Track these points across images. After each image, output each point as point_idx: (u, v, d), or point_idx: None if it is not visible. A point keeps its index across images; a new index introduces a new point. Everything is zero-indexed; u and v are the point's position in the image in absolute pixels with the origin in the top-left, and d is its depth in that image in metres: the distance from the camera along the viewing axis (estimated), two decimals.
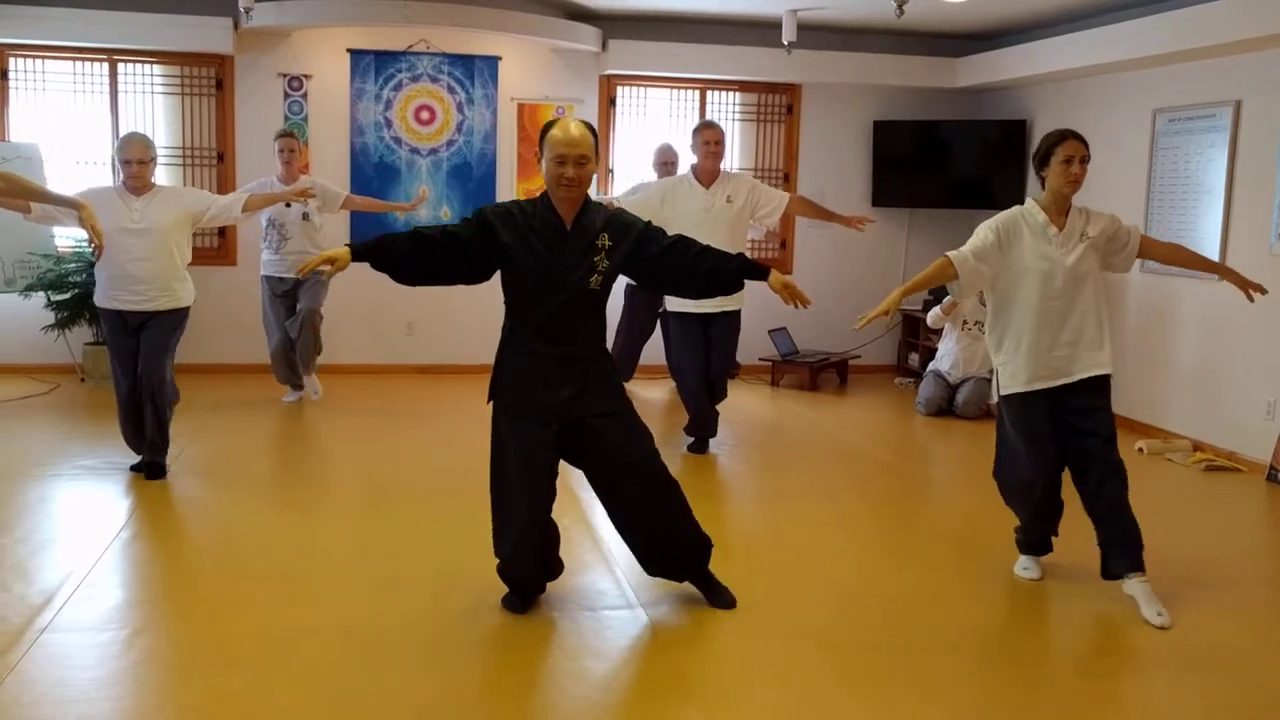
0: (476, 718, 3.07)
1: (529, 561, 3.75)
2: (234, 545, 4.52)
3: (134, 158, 5.15)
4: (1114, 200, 7.41)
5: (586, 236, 3.58)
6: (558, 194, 3.56)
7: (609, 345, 3.93)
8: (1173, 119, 6.89)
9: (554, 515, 3.76)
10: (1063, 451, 4.10)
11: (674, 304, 5.99)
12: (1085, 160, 4.04)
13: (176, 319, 5.28)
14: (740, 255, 3.92)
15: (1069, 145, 4.04)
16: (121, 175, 5.26)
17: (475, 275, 3.65)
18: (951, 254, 4.11)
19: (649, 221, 3.76)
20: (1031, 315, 4.03)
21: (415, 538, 4.62)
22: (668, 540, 3.83)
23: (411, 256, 3.57)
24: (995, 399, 4.27)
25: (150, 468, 5.30)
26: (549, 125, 3.57)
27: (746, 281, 3.87)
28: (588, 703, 3.17)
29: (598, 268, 3.58)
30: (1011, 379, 4.11)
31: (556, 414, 3.59)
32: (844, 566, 4.50)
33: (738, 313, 6.00)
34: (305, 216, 6.91)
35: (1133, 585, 3.96)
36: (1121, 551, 3.98)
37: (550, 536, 3.82)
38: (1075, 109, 7.86)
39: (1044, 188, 4.13)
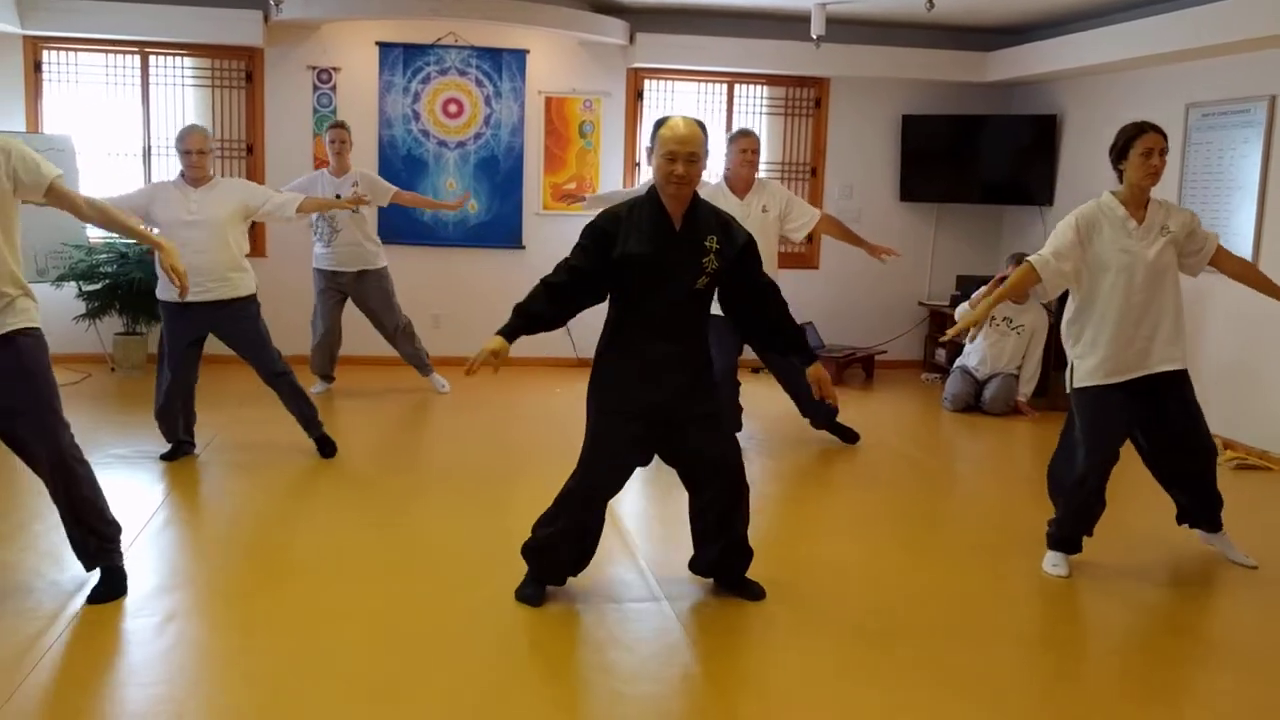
0: (501, 707, 3.09)
1: (571, 549, 3.78)
2: (265, 532, 4.56)
3: (193, 148, 5.26)
4: None
5: (695, 236, 3.56)
6: (667, 191, 3.54)
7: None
8: (1206, 114, 6.82)
9: None
10: (1141, 447, 4.28)
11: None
12: (1164, 152, 4.06)
13: (245, 310, 5.40)
14: (802, 330, 3.90)
15: (1149, 138, 4.04)
16: (181, 166, 5.35)
17: (606, 291, 3.65)
18: (1033, 258, 4.14)
19: (751, 236, 3.73)
20: (1112, 309, 4.06)
21: (444, 526, 4.65)
22: (729, 546, 3.85)
23: (551, 310, 3.59)
24: (1069, 389, 4.27)
25: (320, 438, 5.64)
26: (660, 122, 3.57)
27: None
28: (613, 694, 3.18)
29: (705, 269, 3.56)
30: (1089, 373, 4.12)
31: (657, 412, 3.61)
32: (870, 560, 4.49)
33: None
34: (354, 210, 6.97)
35: (1217, 539, 4.36)
36: (1210, 516, 4.35)
37: (596, 538, 3.85)
38: (1107, 103, 7.80)
39: (1121, 181, 4.13)
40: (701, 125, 3.58)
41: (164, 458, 5.44)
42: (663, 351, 3.59)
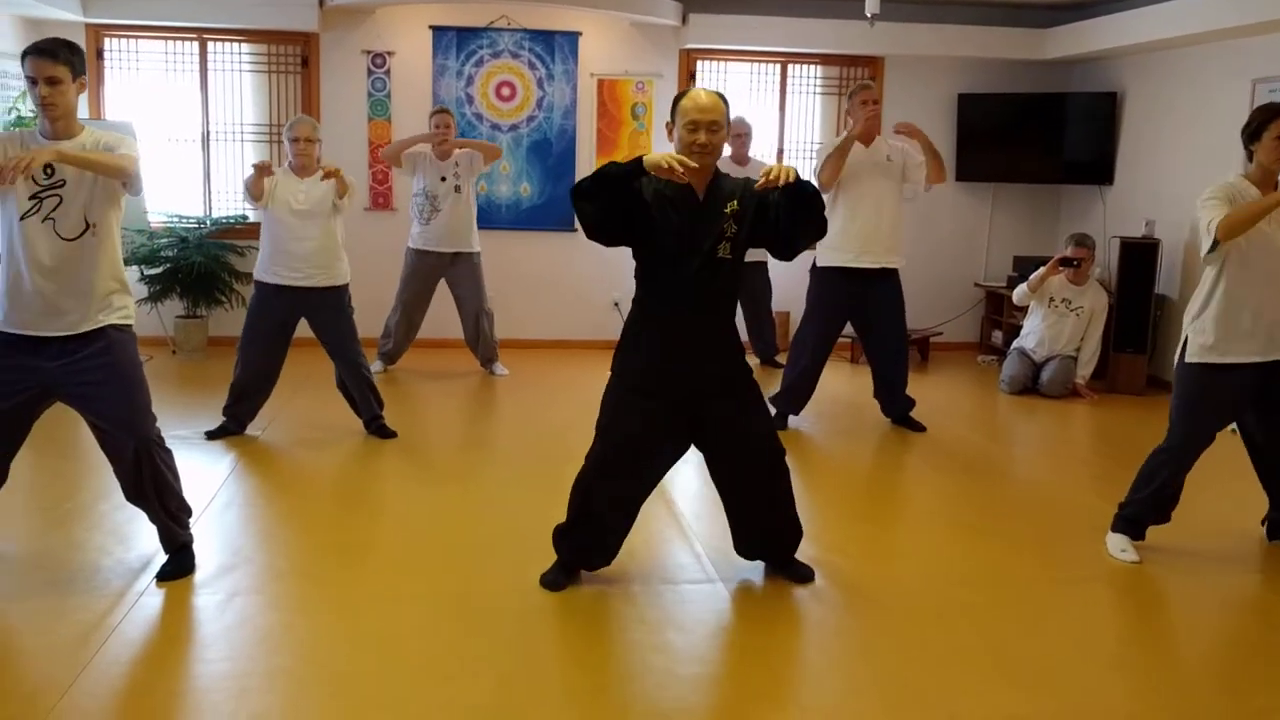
0: (557, 687, 3.11)
1: (590, 533, 3.75)
2: (325, 511, 4.63)
3: (300, 135, 5.48)
4: (1207, 175, 7.19)
5: (718, 204, 3.56)
6: (695, 163, 3.51)
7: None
8: (1274, 89, 6.65)
9: None
10: (1253, 439, 4.22)
11: (823, 259, 6.03)
12: None
13: (339, 298, 5.56)
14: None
15: None
16: (290, 154, 5.56)
17: (623, 230, 3.49)
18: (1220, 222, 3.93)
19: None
20: (1239, 289, 3.99)
21: (503, 505, 4.69)
22: (771, 523, 3.85)
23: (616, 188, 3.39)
24: (1176, 364, 4.19)
25: (379, 429, 5.72)
26: (680, 95, 3.57)
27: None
28: (669, 675, 3.19)
29: (726, 234, 3.55)
30: (1201, 349, 4.05)
31: (681, 387, 3.60)
32: (925, 543, 4.46)
33: (894, 273, 6.03)
34: (457, 189, 7.05)
35: None
36: None
37: (628, 524, 3.81)
38: (1169, 80, 7.64)
39: (1251, 161, 4.05)
40: (722, 96, 3.56)
41: (209, 435, 5.55)
42: (688, 324, 3.58)
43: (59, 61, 3.43)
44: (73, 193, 3.52)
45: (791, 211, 3.47)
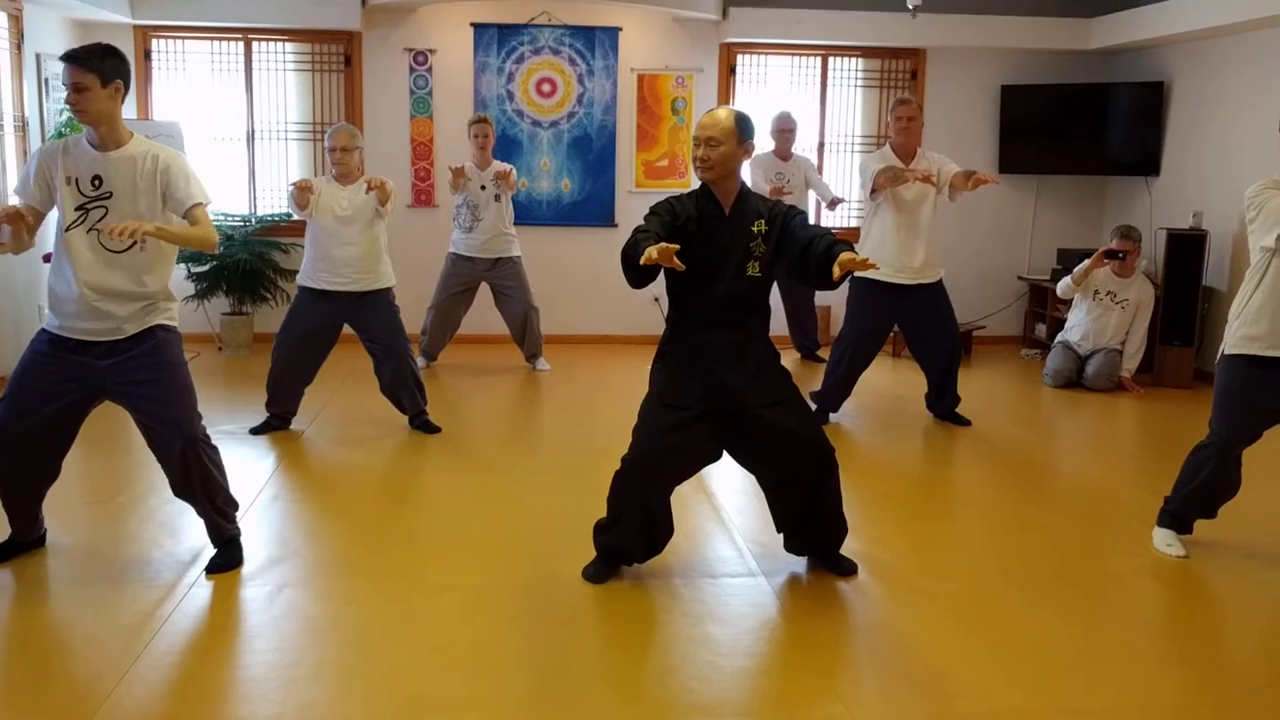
0: (599, 678, 3.13)
1: (628, 528, 3.77)
2: (369, 504, 4.68)
3: (337, 145, 5.57)
4: (1257, 166, 7.09)
5: (744, 223, 3.60)
6: (700, 177, 3.66)
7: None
8: None
9: None
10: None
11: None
12: None
13: (383, 300, 5.62)
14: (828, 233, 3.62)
15: None
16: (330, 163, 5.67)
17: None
18: None
19: (790, 206, 3.74)
20: None
21: (545, 498, 4.72)
22: (820, 520, 3.86)
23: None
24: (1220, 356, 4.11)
25: (423, 424, 5.78)
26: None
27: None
28: (711, 667, 3.20)
29: (754, 253, 3.60)
30: (1242, 340, 3.96)
31: (722, 406, 3.62)
32: (970, 536, 4.44)
33: (938, 284, 6.02)
34: (497, 198, 7.11)
35: None
36: None
37: (664, 528, 3.83)
38: (1218, 69, 7.53)
39: None
40: (739, 116, 3.61)
41: (254, 431, 5.64)
42: (723, 342, 3.62)
43: (85, 69, 3.45)
44: (119, 205, 3.55)
45: (801, 264, 3.52)
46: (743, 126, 3.61)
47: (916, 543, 4.33)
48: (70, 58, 3.47)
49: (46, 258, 6.33)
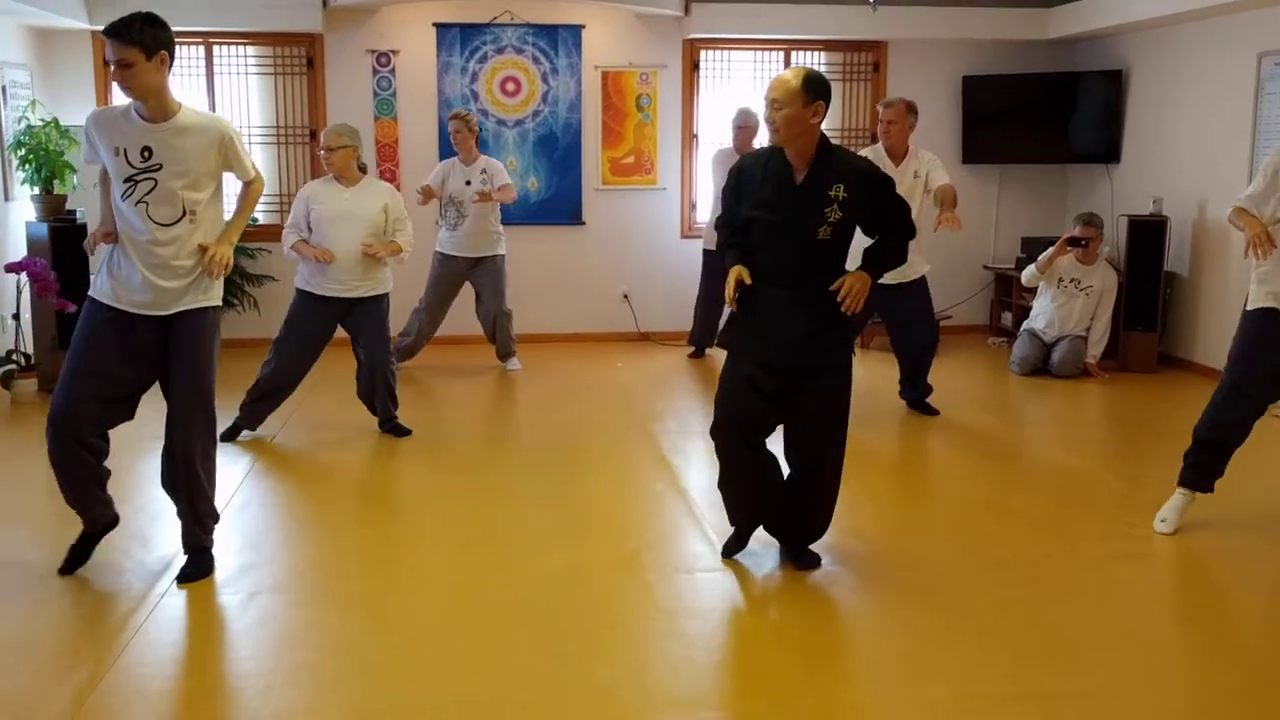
0: (575, 675, 3.14)
1: (734, 487, 3.88)
2: (341, 510, 4.67)
3: (324, 145, 5.53)
4: (1215, 150, 7.19)
5: (819, 187, 3.59)
6: (770, 140, 3.68)
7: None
8: (1279, 62, 6.64)
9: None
10: None
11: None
12: None
13: (378, 305, 5.59)
14: (893, 254, 3.84)
15: None
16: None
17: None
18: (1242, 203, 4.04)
19: (889, 178, 3.74)
20: None
21: (518, 500, 4.73)
22: (806, 505, 3.89)
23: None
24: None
25: (393, 428, 5.73)
26: None
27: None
28: (687, 661, 3.22)
29: (828, 219, 3.59)
30: (1259, 295, 4.06)
31: (778, 359, 3.68)
32: (942, 524, 4.49)
33: (920, 280, 6.09)
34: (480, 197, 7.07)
35: None
36: None
37: (772, 475, 3.89)
38: (1175, 56, 7.62)
39: None
40: (808, 76, 3.59)
41: (222, 437, 5.58)
42: (785, 299, 3.64)
43: (127, 43, 3.40)
44: (167, 178, 3.53)
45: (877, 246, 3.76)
46: (809, 87, 3.56)
47: (888, 532, 4.37)
48: (112, 32, 3.41)
49: (8, 268, 6.29)
